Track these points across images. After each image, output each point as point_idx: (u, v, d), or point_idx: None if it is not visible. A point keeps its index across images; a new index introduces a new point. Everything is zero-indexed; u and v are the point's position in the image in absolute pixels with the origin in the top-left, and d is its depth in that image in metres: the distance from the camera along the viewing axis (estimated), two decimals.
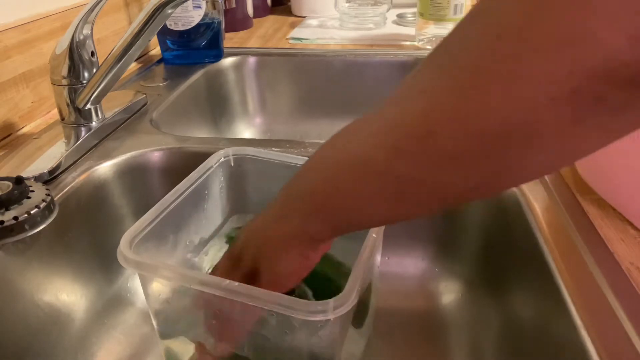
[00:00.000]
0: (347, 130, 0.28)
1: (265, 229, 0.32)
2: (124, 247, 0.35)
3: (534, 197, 0.47)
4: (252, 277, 0.32)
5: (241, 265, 0.33)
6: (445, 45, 0.23)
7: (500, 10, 0.20)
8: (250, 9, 1.08)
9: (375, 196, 0.26)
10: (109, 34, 0.79)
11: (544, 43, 0.18)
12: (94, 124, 0.59)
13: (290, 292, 0.33)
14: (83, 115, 0.58)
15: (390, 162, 0.24)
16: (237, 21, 1.06)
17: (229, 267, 0.34)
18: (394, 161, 0.24)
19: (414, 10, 0.95)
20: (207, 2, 0.82)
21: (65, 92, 0.57)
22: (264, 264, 0.32)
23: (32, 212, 0.42)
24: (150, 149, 0.58)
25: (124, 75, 0.65)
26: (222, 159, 0.47)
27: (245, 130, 0.92)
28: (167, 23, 0.82)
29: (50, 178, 0.51)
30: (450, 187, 0.23)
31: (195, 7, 0.82)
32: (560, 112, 0.19)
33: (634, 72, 0.17)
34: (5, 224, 0.41)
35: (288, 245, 0.31)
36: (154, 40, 0.86)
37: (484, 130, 0.20)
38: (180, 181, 0.43)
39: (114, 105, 0.63)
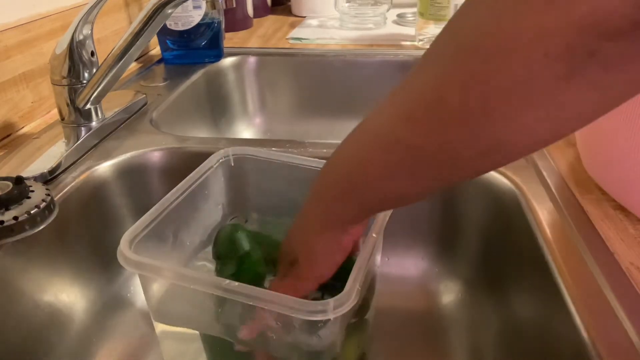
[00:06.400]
0: (372, 109, 0.29)
1: (301, 218, 0.35)
2: (124, 247, 0.35)
3: (534, 197, 0.47)
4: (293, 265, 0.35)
5: (289, 258, 0.35)
6: (448, 25, 0.25)
7: None
8: (250, 9, 1.08)
9: (395, 168, 0.27)
10: (109, 34, 0.79)
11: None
12: (94, 124, 0.59)
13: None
14: (83, 115, 0.58)
15: (403, 131, 0.26)
16: (237, 21, 1.06)
17: (283, 264, 0.37)
18: (407, 131, 0.25)
19: (414, 10, 0.95)
20: (207, 2, 0.82)
21: (65, 92, 0.57)
22: (301, 248, 0.34)
23: (32, 212, 0.42)
24: (150, 149, 0.57)
25: (124, 75, 0.65)
26: (222, 159, 0.47)
27: (245, 130, 0.92)
28: (167, 23, 0.82)
29: (50, 178, 0.51)
30: (459, 154, 0.24)
31: (195, 7, 0.82)
32: (555, 69, 0.19)
33: (621, 23, 0.18)
34: (5, 224, 0.41)
35: (321, 228, 0.33)
36: (154, 40, 0.86)
37: (486, 90, 0.21)
38: (180, 181, 0.43)
39: (114, 105, 0.63)
